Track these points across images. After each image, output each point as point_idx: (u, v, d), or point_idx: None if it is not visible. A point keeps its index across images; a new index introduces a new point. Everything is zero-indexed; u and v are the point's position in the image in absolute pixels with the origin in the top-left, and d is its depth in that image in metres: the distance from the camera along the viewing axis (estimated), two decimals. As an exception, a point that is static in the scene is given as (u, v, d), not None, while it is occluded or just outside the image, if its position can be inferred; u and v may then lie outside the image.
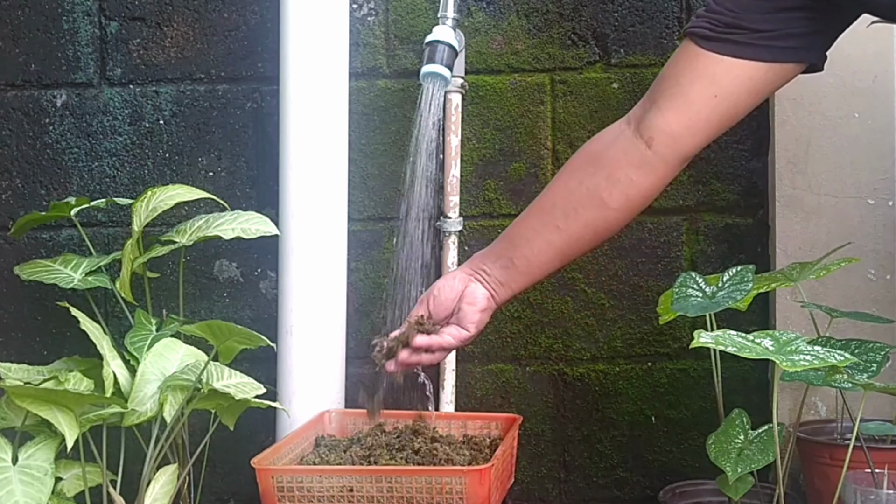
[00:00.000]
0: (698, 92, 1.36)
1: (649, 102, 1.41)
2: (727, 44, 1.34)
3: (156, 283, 1.72)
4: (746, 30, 1.33)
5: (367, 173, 1.83)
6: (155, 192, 1.59)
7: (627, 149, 1.41)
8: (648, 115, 1.40)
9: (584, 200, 1.43)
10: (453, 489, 1.30)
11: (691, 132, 1.39)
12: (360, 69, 1.81)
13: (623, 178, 1.41)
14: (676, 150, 1.40)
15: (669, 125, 1.38)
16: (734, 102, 1.37)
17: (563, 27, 1.81)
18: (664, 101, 1.39)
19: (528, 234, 1.47)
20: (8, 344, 1.85)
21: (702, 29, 1.36)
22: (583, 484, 1.84)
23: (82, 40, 1.84)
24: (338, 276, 1.70)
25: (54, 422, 1.28)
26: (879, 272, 1.76)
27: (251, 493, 1.43)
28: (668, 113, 1.38)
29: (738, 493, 1.37)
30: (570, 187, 1.44)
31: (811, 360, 1.20)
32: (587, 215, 1.43)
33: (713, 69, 1.35)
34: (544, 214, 1.46)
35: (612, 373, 1.83)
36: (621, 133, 1.43)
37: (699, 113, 1.37)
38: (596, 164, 1.43)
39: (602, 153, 1.43)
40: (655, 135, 1.39)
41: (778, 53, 1.34)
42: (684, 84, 1.37)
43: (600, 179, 1.42)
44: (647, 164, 1.40)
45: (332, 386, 1.68)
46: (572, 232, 1.45)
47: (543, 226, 1.46)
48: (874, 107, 1.76)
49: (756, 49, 1.33)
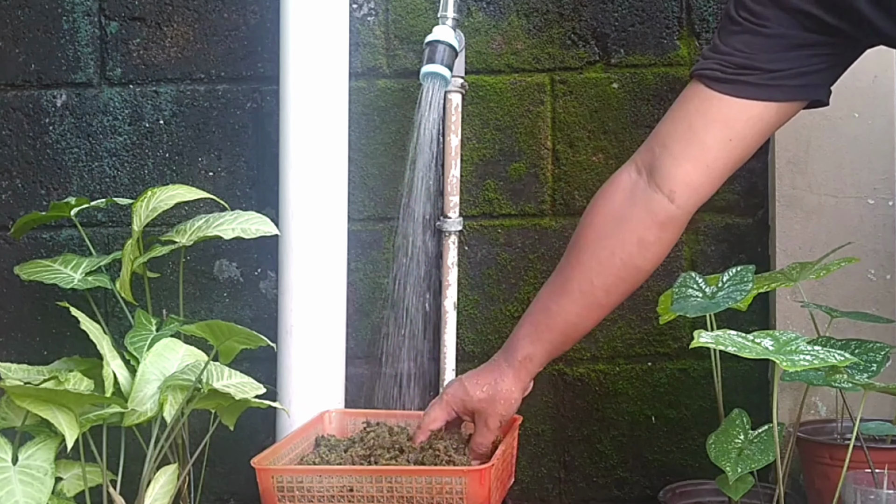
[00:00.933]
0: (714, 137, 1.32)
1: (660, 148, 1.35)
2: (740, 85, 1.30)
3: (156, 283, 1.72)
4: (759, 70, 1.29)
5: (367, 173, 1.83)
6: (155, 192, 1.59)
7: (651, 207, 1.35)
8: (663, 164, 1.34)
9: (621, 272, 1.38)
10: (453, 489, 1.31)
11: (710, 180, 1.34)
12: (360, 69, 1.81)
13: (654, 239, 1.36)
14: (697, 200, 1.36)
15: (689, 176, 1.33)
16: (747, 145, 1.33)
17: (563, 27, 1.81)
18: (679, 148, 1.33)
19: (574, 321, 1.41)
20: (8, 344, 1.85)
21: (712, 71, 1.31)
22: (583, 484, 1.84)
23: (82, 40, 1.84)
24: (338, 276, 1.70)
25: (54, 422, 1.28)
26: (879, 272, 1.76)
27: (251, 493, 1.43)
28: (686, 163, 1.33)
29: (738, 493, 1.37)
30: (602, 260, 1.38)
31: (811, 360, 1.20)
32: (627, 285, 1.39)
33: (727, 112, 1.31)
34: (586, 297, 1.39)
35: (612, 373, 1.83)
36: (636, 187, 1.37)
37: (717, 160, 1.33)
38: (622, 229, 1.37)
39: (625, 216, 1.37)
40: (677, 188, 1.34)
41: (790, 92, 1.31)
42: (698, 129, 1.32)
43: (631, 247, 1.36)
44: (673, 219, 1.36)
45: (332, 386, 1.68)
46: (614, 303, 1.41)
47: (587, 309, 1.40)
48: (874, 107, 1.76)
49: (770, 90, 1.29)
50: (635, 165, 1.38)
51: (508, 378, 1.44)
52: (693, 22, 1.81)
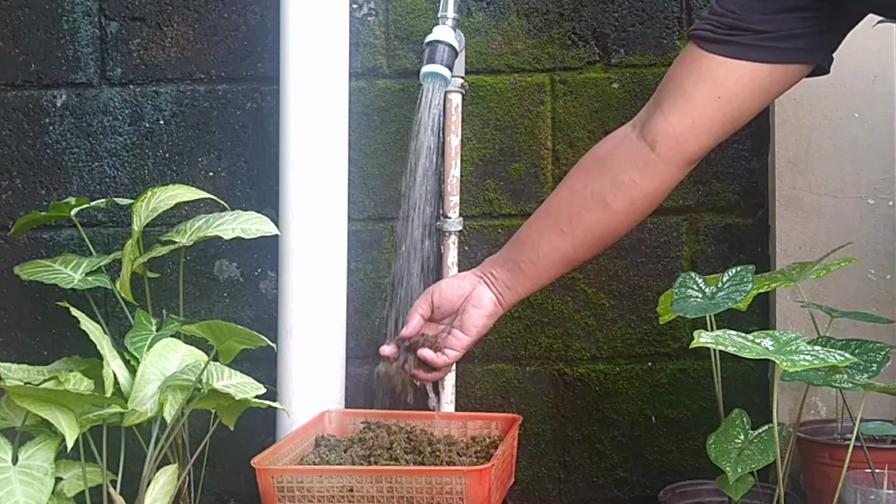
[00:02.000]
0: (702, 94, 1.36)
1: (654, 106, 1.41)
2: (730, 45, 1.33)
3: (156, 283, 1.72)
4: (749, 31, 1.32)
5: (367, 173, 1.83)
6: (155, 192, 1.59)
7: (631, 152, 1.41)
8: (653, 118, 1.40)
9: (588, 204, 1.43)
10: (453, 489, 1.31)
11: (695, 134, 1.39)
12: (360, 69, 1.81)
13: (627, 181, 1.41)
14: (680, 153, 1.40)
15: (673, 128, 1.38)
16: (738, 105, 1.37)
17: (563, 27, 1.81)
18: (668, 104, 1.39)
19: (533, 237, 1.48)
20: (8, 344, 1.85)
21: (705, 31, 1.35)
22: (583, 484, 1.84)
23: (82, 40, 1.84)
24: (338, 276, 1.70)
25: (54, 422, 1.28)
26: (879, 272, 1.76)
27: (251, 493, 1.43)
28: (672, 116, 1.38)
29: (739, 493, 1.37)
30: (575, 190, 1.45)
31: (811, 360, 1.20)
32: (591, 219, 1.44)
33: (716, 71, 1.35)
34: (549, 218, 1.47)
35: (612, 373, 1.83)
36: (626, 137, 1.43)
37: (703, 115, 1.37)
38: (600, 167, 1.43)
39: (606, 157, 1.44)
40: (659, 137, 1.39)
41: (781, 54, 1.33)
42: (688, 86, 1.37)
43: (604, 183, 1.42)
44: (651, 166, 1.40)
45: (332, 386, 1.68)
46: (577, 235, 1.45)
47: (549, 229, 1.46)
48: (874, 107, 1.76)
49: (759, 50, 1.33)
50: (632, 123, 1.44)
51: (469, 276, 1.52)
52: (693, 22, 1.80)
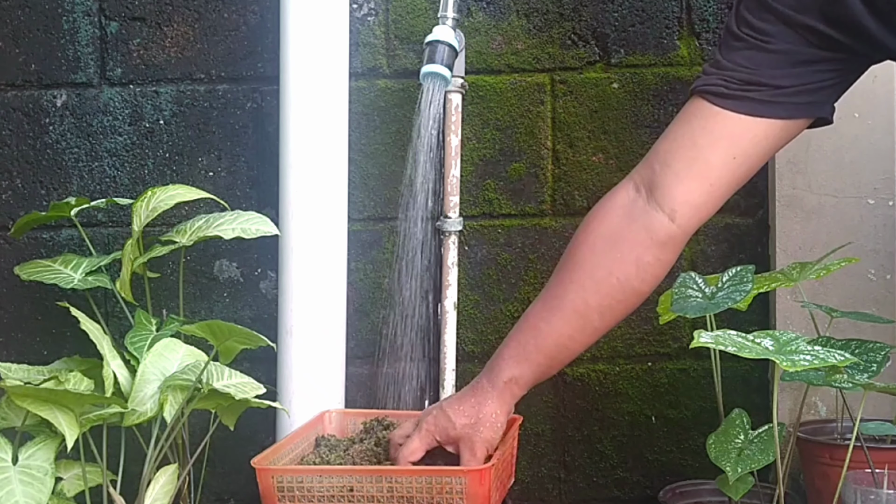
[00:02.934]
0: (718, 155, 1.28)
1: (661, 166, 1.30)
2: (745, 101, 1.26)
3: (156, 283, 1.72)
4: (765, 86, 1.25)
5: (367, 173, 1.83)
6: (155, 192, 1.59)
7: (650, 226, 1.30)
8: (665, 182, 1.29)
9: (618, 294, 1.32)
10: (453, 489, 1.30)
11: (712, 199, 1.30)
12: (360, 69, 1.81)
13: (652, 260, 1.31)
14: (698, 221, 1.32)
15: (692, 194, 1.29)
16: (750, 164, 1.30)
17: (563, 27, 1.81)
18: (682, 166, 1.29)
19: (566, 343, 1.35)
20: (8, 344, 1.85)
21: (716, 87, 1.27)
22: (583, 484, 1.84)
23: (82, 40, 1.84)
24: (338, 276, 1.70)
25: (54, 422, 1.28)
26: (879, 272, 1.76)
27: (251, 493, 1.43)
28: (689, 181, 1.29)
29: (739, 493, 1.37)
30: (598, 279, 1.32)
31: (811, 360, 1.20)
32: (623, 307, 1.34)
33: (731, 129, 1.27)
34: (580, 319, 1.33)
35: (612, 373, 1.83)
36: (634, 205, 1.32)
37: (720, 179, 1.29)
38: (619, 248, 1.32)
39: (622, 234, 1.32)
40: (678, 207, 1.29)
41: (795, 110, 1.27)
42: (703, 147, 1.28)
43: (629, 267, 1.31)
44: (672, 239, 1.32)
45: (332, 386, 1.68)
46: (608, 326, 1.36)
47: (581, 331, 1.34)
48: (874, 107, 1.76)
49: (775, 107, 1.26)
50: (633, 183, 1.34)
51: (492, 401, 1.37)
52: (693, 22, 1.81)
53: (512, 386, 1.37)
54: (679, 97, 1.80)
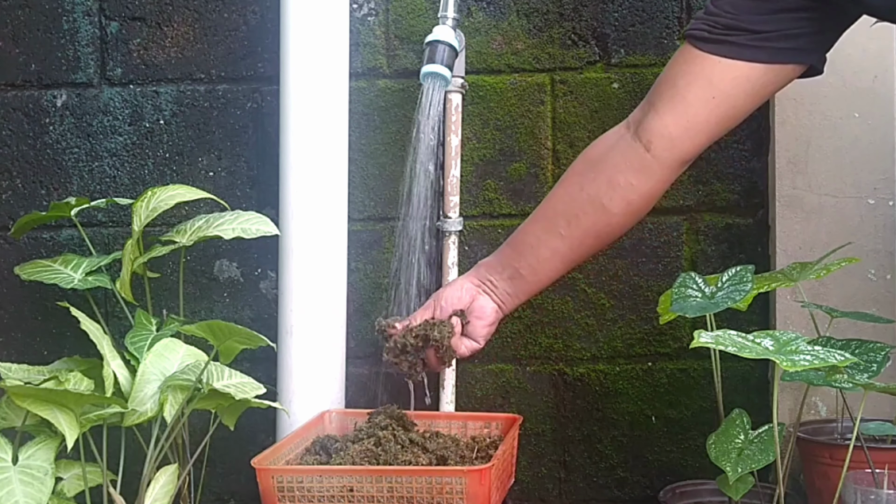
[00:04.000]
0: (696, 94, 1.37)
1: (648, 106, 1.41)
2: (724, 45, 1.34)
3: (156, 283, 1.72)
4: (744, 31, 1.32)
5: (367, 173, 1.83)
6: (155, 192, 1.59)
7: (626, 153, 1.42)
8: (647, 118, 1.40)
9: (586, 206, 1.44)
10: (453, 489, 1.31)
11: (689, 135, 1.39)
12: (360, 69, 1.81)
13: (623, 182, 1.42)
14: (675, 153, 1.41)
15: (667, 128, 1.39)
16: (732, 104, 1.37)
17: (563, 27, 1.81)
18: (662, 104, 1.39)
19: (532, 242, 1.49)
20: (8, 344, 1.85)
21: (700, 31, 1.35)
22: (583, 484, 1.84)
23: (82, 40, 1.84)
24: (338, 276, 1.70)
25: (54, 422, 1.28)
26: (879, 272, 1.76)
27: (251, 493, 1.43)
28: (666, 116, 1.39)
29: (739, 493, 1.37)
30: (572, 193, 1.45)
31: (811, 359, 1.20)
32: (589, 221, 1.45)
33: (710, 71, 1.35)
34: (547, 222, 1.47)
35: (612, 373, 1.83)
36: (620, 137, 1.43)
37: (697, 115, 1.38)
38: (596, 169, 1.44)
39: (602, 158, 1.44)
40: (654, 138, 1.40)
41: (775, 54, 1.34)
42: (682, 86, 1.38)
43: (601, 184, 1.43)
44: (646, 167, 1.41)
45: (332, 386, 1.68)
46: (575, 238, 1.46)
47: (547, 233, 1.47)
48: (874, 107, 1.76)
49: (753, 50, 1.33)
50: (626, 123, 1.45)
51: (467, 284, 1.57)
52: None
53: (480, 268, 1.58)
54: (679, 97, 1.80)
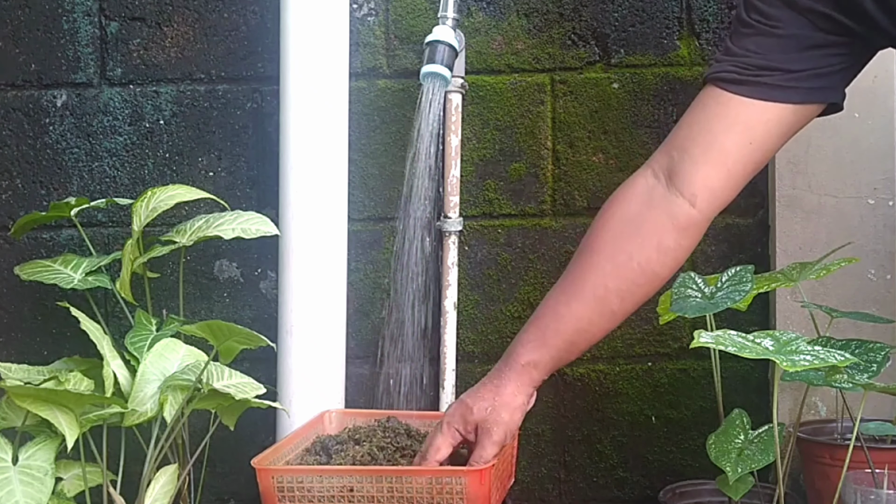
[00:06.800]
0: (734, 141, 1.29)
1: (679, 153, 1.31)
2: (758, 87, 1.27)
3: (156, 283, 1.72)
4: (778, 70, 1.26)
5: (367, 173, 1.83)
6: (155, 192, 1.59)
7: (671, 211, 1.31)
8: (683, 168, 1.30)
9: (638, 278, 1.32)
10: (453, 489, 1.31)
11: (730, 185, 1.31)
12: (360, 69, 1.81)
13: (673, 244, 1.32)
14: (716, 206, 1.33)
15: (710, 180, 1.30)
16: (767, 149, 1.31)
17: (563, 27, 1.81)
18: (699, 152, 1.30)
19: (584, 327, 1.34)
20: (8, 344, 1.85)
21: (728, 73, 1.28)
22: (583, 484, 1.84)
23: (82, 40, 1.84)
24: (338, 276, 1.70)
25: (54, 422, 1.28)
26: (879, 272, 1.76)
27: (251, 493, 1.43)
28: (706, 166, 1.30)
29: (739, 494, 1.37)
30: (619, 264, 1.32)
31: (811, 360, 1.20)
32: (642, 292, 1.34)
33: (746, 115, 1.28)
34: (598, 303, 1.33)
35: (612, 373, 1.83)
36: (654, 191, 1.33)
37: (737, 164, 1.30)
38: (640, 232, 1.32)
39: (643, 219, 1.32)
40: (698, 192, 1.30)
41: (808, 94, 1.28)
42: (718, 132, 1.29)
43: (650, 251, 1.31)
44: (693, 224, 1.32)
45: (332, 386, 1.68)
46: (628, 311, 1.35)
47: (600, 315, 1.34)
48: (874, 107, 1.76)
49: (787, 91, 1.27)
50: (651, 170, 1.34)
51: (511, 383, 1.36)
52: (693, 22, 1.81)
53: (531, 369, 1.36)
54: (679, 97, 1.80)
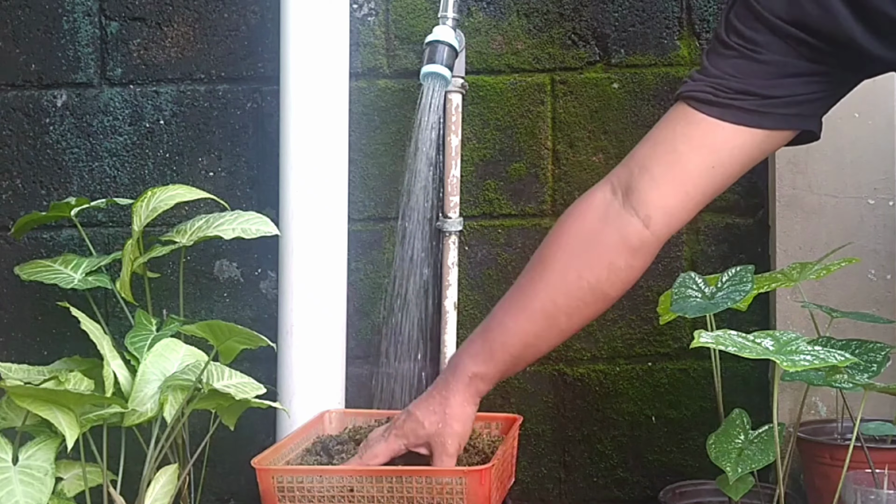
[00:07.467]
0: (697, 163, 1.25)
1: (639, 169, 1.28)
2: (731, 110, 1.23)
3: (156, 283, 1.72)
4: (755, 95, 1.23)
5: (367, 173, 1.83)
6: (155, 192, 1.59)
7: (623, 231, 1.28)
8: (641, 186, 1.27)
9: (587, 297, 1.30)
10: (453, 489, 1.30)
11: (686, 208, 1.28)
12: (360, 69, 1.81)
13: (624, 265, 1.29)
14: (670, 229, 1.29)
15: (667, 200, 1.26)
16: (729, 174, 1.27)
17: (563, 27, 1.81)
18: (660, 171, 1.26)
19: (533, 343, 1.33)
20: (8, 344, 1.85)
21: (703, 93, 1.25)
22: (583, 484, 1.84)
23: (82, 40, 1.84)
24: (338, 276, 1.70)
25: (55, 422, 1.28)
26: (879, 272, 1.76)
27: (251, 493, 1.43)
28: (665, 186, 1.26)
29: (739, 494, 1.37)
30: (569, 281, 1.30)
31: (811, 360, 1.20)
32: (590, 311, 1.32)
33: (714, 137, 1.24)
34: (547, 320, 1.31)
35: (612, 373, 1.83)
36: (609, 207, 1.29)
37: (696, 186, 1.26)
38: (592, 251, 1.30)
39: (596, 237, 1.30)
40: (653, 212, 1.27)
41: (781, 120, 1.25)
42: (682, 153, 1.25)
43: (600, 271, 1.29)
44: (645, 245, 1.29)
45: (332, 386, 1.68)
46: (574, 328, 1.34)
47: (548, 331, 1.32)
48: (874, 107, 1.76)
49: (759, 116, 1.24)
50: (611, 184, 1.31)
51: (458, 396, 1.36)
52: (693, 22, 1.81)
53: (477, 382, 1.36)
54: (679, 97, 1.80)
